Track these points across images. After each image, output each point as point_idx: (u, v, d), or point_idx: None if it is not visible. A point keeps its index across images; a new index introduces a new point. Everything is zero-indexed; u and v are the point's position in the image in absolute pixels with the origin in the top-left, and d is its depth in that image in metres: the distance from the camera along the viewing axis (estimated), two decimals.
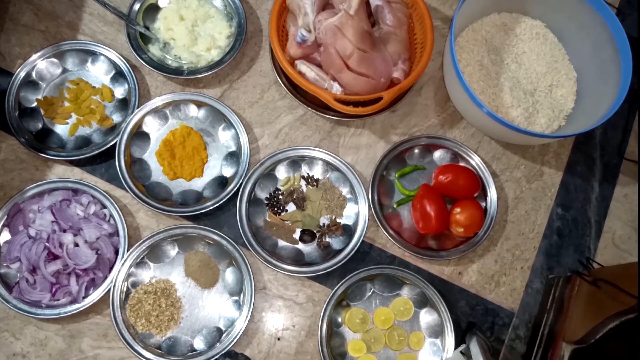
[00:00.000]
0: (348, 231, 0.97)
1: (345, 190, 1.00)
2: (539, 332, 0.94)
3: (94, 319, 0.92)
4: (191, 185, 0.99)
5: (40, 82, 1.01)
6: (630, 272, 0.83)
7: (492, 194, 0.99)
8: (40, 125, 1.00)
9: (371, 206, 0.97)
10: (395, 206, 1.01)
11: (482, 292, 0.99)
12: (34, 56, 1.00)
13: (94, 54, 1.02)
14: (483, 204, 0.99)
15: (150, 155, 1.00)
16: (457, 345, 0.92)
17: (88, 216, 0.93)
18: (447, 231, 0.98)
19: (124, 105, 1.02)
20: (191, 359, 0.89)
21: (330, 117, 1.01)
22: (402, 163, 1.03)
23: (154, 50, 1.04)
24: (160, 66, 1.02)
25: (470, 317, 0.97)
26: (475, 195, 1.00)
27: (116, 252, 0.93)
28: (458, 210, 0.97)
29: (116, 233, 0.93)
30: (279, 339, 0.94)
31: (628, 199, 1.05)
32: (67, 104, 1.01)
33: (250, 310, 0.91)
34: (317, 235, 0.98)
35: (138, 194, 0.94)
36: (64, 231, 0.91)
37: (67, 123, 1.00)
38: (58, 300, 0.90)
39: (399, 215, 1.01)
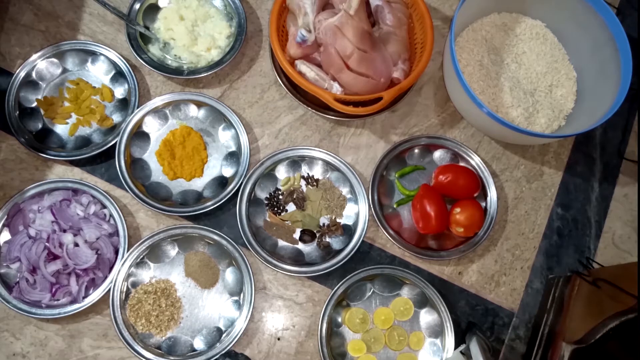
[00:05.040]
0: (348, 231, 0.97)
1: (345, 190, 1.00)
2: (539, 332, 0.94)
3: (94, 319, 0.92)
4: (191, 185, 0.99)
5: (40, 82, 1.01)
6: (630, 272, 0.83)
7: (492, 194, 0.99)
8: (40, 125, 1.00)
9: (371, 206, 0.97)
10: (395, 206, 1.01)
11: (482, 292, 0.99)
12: (34, 56, 1.00)
13: (94, 54, 1.02)
14: (483, 204, 0.99)
15: (150, 155, 1.00)
16: (457, 345, 0.92)
17: (88, 216, 0.93)
18: (447, 231, 0.98)
19: (124, 105, 1.02)
20: (191, 359, 0.89)
21: (330, 117, 1.01)
22: (402, 163, 1.03)
23: (154, 50, 1.04)
24: (160, 66, 1.02)
25: (470, 317, 0.97)
26: (475, 195, 1.00)
27: (116, 252, 0.93)
28: (458, 210, 0.97)
29: (116, 233, 0.93)
30: (279, 339, 0.94)
31: (628, 199, 1.05)
32: (67, 104, 1.01)
33: (250, 310, 0.91)
34: (317, 235, 0.98)
35: (138, 194, 0.94)
36: (64, 231, 0.91)
37: (67, 123, 1.00)
38: (58, 300, 0.90)
39: (399, 215, 1.01)
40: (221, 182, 0.99)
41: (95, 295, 0.90)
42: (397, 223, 1.00)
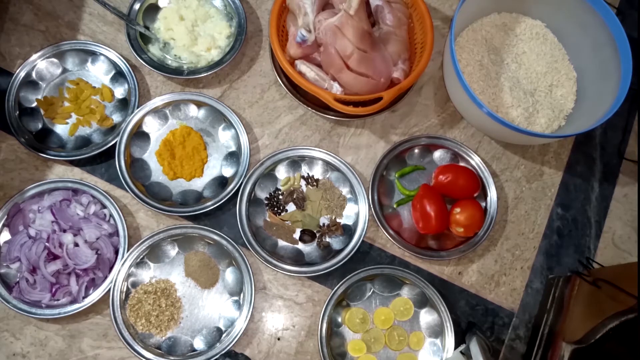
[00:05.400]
0: (348, 231, 0.97)
1: (345, 190, 1.00)
2: (539, 332, 0.94)
3: (94, 319, 0.92)
4: (191, 185, 0.99)
5: (40, 82, 1.01)
6: (630, 272, 0.83)
7: (492, 194, 0.99)
8: (40, 125, 1.00)
9: (371, 206, 0.97)
10: (395, 206, 1.01)
11: (482, 292, 0.99)
12: (34, 56, 1.00)
13: (94, 54, 1.02)
14: (483, 204, 0.99)
15: (150, 155, 1.00)
16: (457, 345, 0.92)
17: (88, 216, 0.93)
18: (447, 231, 0.98)
19: (124, 105, 1.02)
20: (191, 359, 0.89)
21: (330, 117, 1.01)
22: (402, 163, 1.03)
23: (154, 50, 1.04)
24: (160, 66, 1.02)
25: (470, 317, 0.97)
26: (475, 195, 1.00)
27: (116, 252, 0.93)
28: (458, 210, 0.97)
29: (116, 233, 0.93)
30: (279, 339, 0.94)
31: (628, 199, 1.05)
32: (67, 104, 1.01)
33: (250, 310, 0.91)
34: (317, 235, 0.98)
35: (138, 194, 0.94)
36: (64, 231, 0.91)
37: (67, 123, 1.00)
38: (58, 300, 0.90)
39: (399, 215, 1.01)
40: (221, 182, 0.99)
41: (95, 295, 0.90)
42: (397, 223, 1.00)
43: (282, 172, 1.00)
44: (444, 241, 0.99)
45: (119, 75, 1.02)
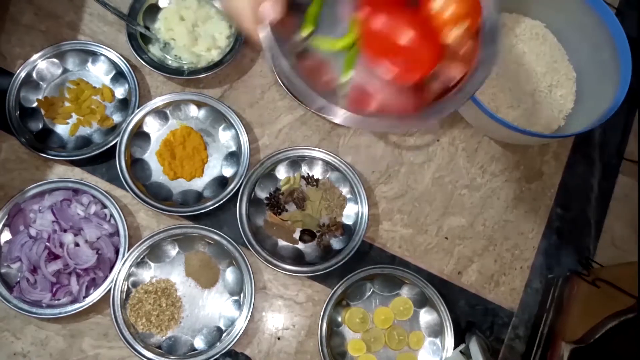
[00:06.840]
0: (348, 231, 0.98)
1: (345, 190, 1.00)
2: (538, 331, 0.94)
3: (95, 319, 0.92)
4: (191, 185, 0.99)
5: (41, 82, 1.01)
6: (630, 272, 0.84)
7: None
8: (40, 125, 1.00)
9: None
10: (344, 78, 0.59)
11: (482, 292, 0.99)
12: (35, 56, 1.00)
13: (94, 54, 1.03)
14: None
15: (150, 155, 1.00)
16: (456, 345, 0.93)
17: (89, 216, 0.93)
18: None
19: (124, 105, 1.02)
20: (191, 358, 0.89)
21: None
22: None
23: (154, 50, 1.04)
24: (161, 66, 1.02)
25: (470, 317, 0.97)
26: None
27: (117, 252, 0.93)
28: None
29: (117, 233, 0.94)
30: (279, 339, 0.94)
31: (628, 199, 1.05)
32: (67, 104, 1.01)
33: (250, 309, 0.91)
34: (317, 235, 0.98)
35: (138, 194, 0.94)
36: (65, 231, 0.91)
37: (67, 123, 1.00)
38: (59, 299, 0.90)
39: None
40: (221, 182, 0.99)
41: (95, 295, 0.90)
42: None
43: (282, 172, 1.00)
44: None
45: (119, 76, 1.02)
